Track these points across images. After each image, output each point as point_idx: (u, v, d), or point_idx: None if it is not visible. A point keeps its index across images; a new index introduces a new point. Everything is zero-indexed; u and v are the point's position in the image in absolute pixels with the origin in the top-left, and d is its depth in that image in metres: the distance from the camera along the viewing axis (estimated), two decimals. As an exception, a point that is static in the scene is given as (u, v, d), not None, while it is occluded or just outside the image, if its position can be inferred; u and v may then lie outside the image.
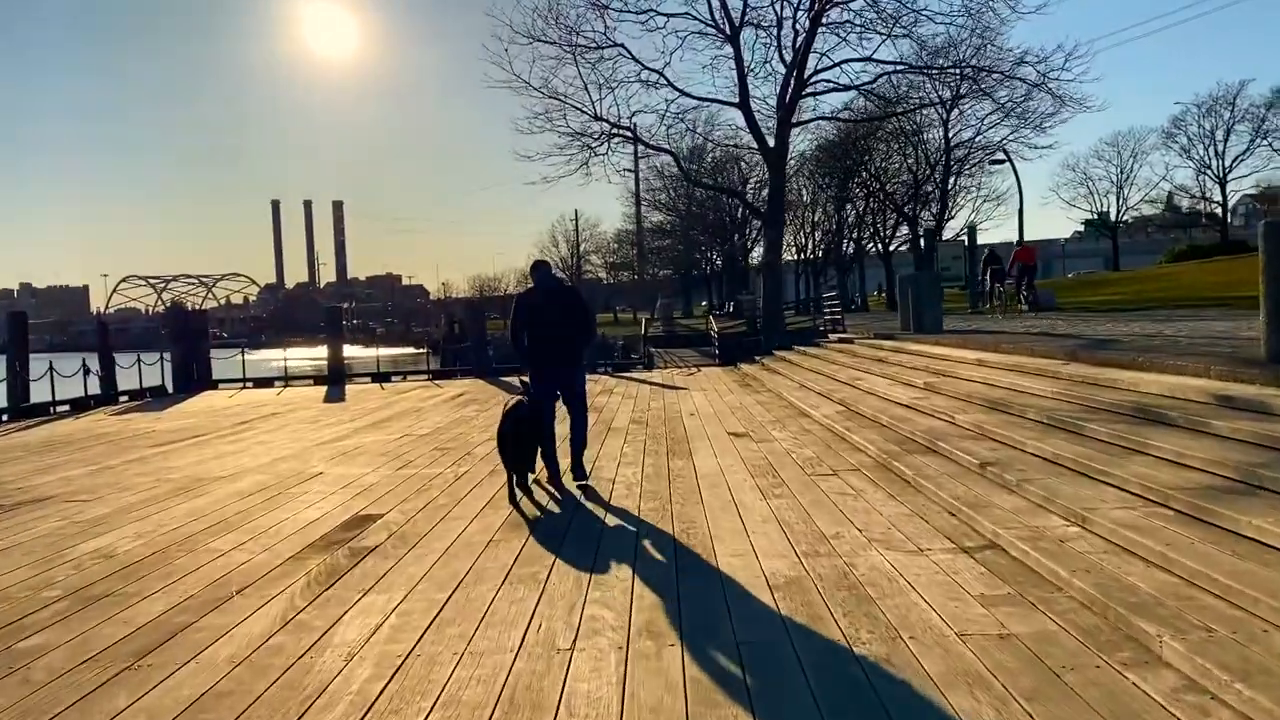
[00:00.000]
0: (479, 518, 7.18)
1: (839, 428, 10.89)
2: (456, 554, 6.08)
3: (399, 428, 13.60)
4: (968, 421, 9.18)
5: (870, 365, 16.01)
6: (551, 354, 8.67)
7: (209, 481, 9.42)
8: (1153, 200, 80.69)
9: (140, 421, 16.45)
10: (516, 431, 8.04)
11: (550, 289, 8.97)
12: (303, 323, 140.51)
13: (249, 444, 12.46)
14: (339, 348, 24.83)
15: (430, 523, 7.07)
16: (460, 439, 11.97)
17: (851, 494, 7.44)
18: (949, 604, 4.67)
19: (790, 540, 6.06)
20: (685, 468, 9.06)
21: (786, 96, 24.73)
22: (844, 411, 12.12)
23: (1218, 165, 70.79)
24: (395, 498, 8.12)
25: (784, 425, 11.90)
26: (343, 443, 12.10)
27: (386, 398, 19.29)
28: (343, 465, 10.13)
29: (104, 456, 11.82)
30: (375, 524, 7.08)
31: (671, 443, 10.83)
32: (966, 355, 13.37)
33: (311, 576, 5.67)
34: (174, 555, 6.34)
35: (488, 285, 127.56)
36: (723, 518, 6.81)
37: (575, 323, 8.94)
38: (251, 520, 7.41)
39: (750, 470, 8.72)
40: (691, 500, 7.49)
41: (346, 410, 16.83)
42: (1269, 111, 67.35)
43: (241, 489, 8.89)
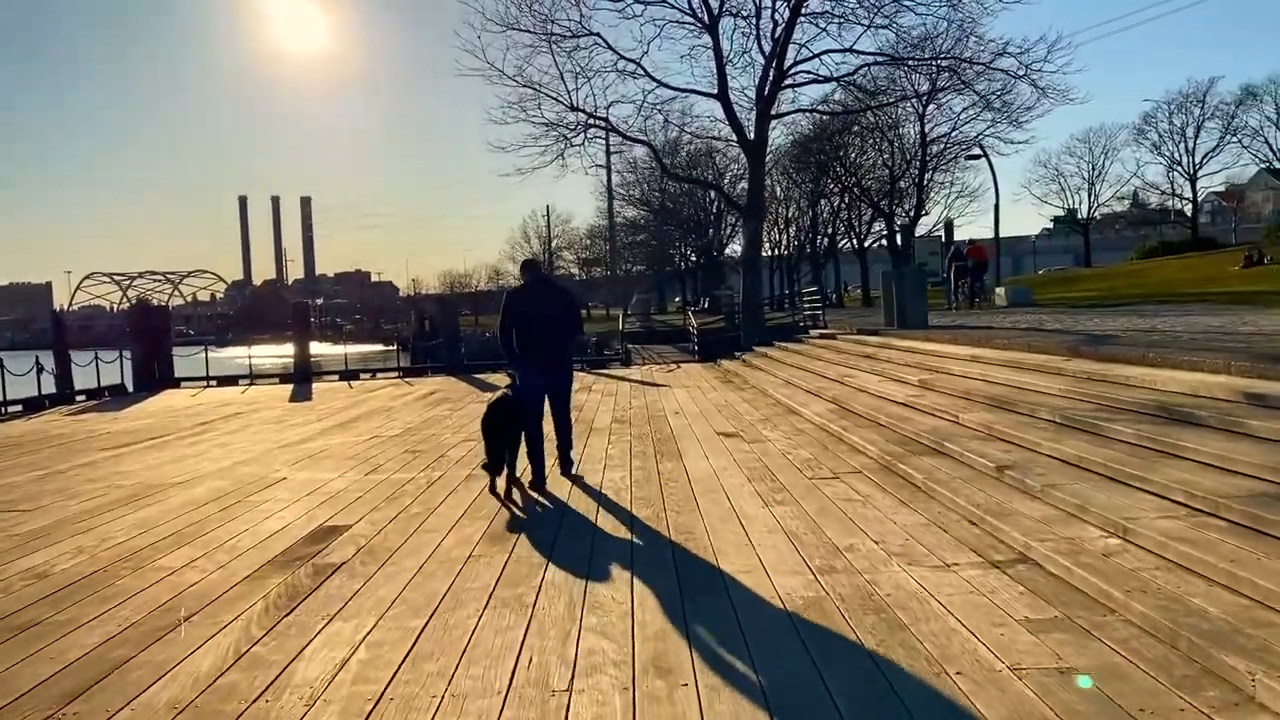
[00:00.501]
0: (456, 529, 6.58)
1: (834, 427, 10.37)
2: (433, 572, 5.48)
3: (368, 428, 12.95)
4: (974, 421, 8.69)
5: (858, 362, 15.53)
6: (539, 353, 8.43)
7: (162, 488, 8.75)
8: (1123, 197, 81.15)
9: (95, 422, 15.67)
10: (496, 419, 7.82)
11: (540, 288, 8.70)
12: (270, 320, 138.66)
13: (208, 446, 11.77)
14: (305, 345, 24.07)
15: (403, 535, 6.46)
16: (433, 441, 11.35)
17: (859, 500, 6.91)
18: (992, 630, 4.14)
19: (801, 554, 5.52)
20: (676, 471, 8.50)
21: (766, 88, 24.20)
22: (836, 410, 11.61)
23: (1188, 162, 71.30)
24: (364, 506, 7.50)
25: (774, 424, 11.37)
26: (308, 445, 11.43)
27: (355, 396, 18.60)
28: (307, 470, 9.49)
29: (52, 460, 11.09)
30: (342, 537, 6.47)
31: (658, 443, 10.27)
32: (959, 351, 12.93)
33: (270, 600, 5.05)
34: (117, 574, 5.70)
35: (459, 281, 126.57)
36: (724, 528, 6.25)
37: (564, 322, 8.74)
38: (206, 532, 6.77)
39: (746, 473, 8.17)
40: (688, 508, 6.92)
41: (313, 410, 16.14)
42: (1238, 108, 67.96)
43: (197, 496, 8.23)
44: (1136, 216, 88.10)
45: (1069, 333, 13.68)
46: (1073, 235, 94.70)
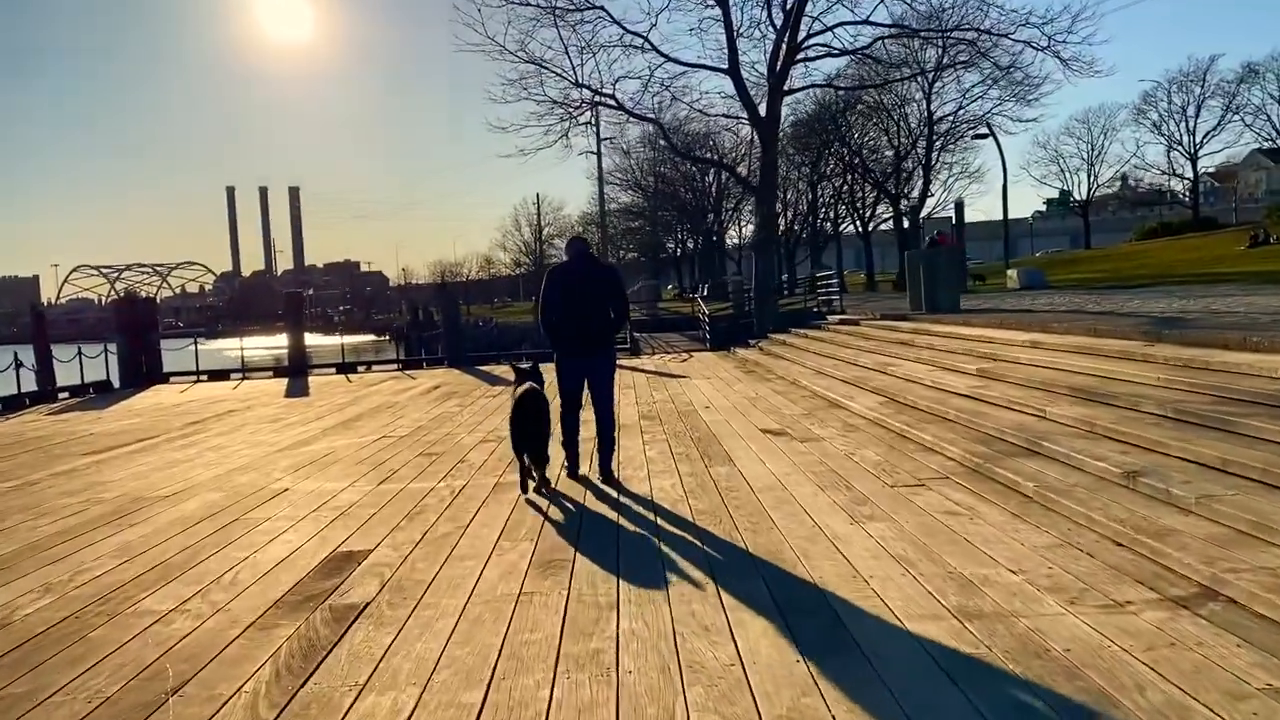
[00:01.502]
0: (496, 554, 5.56)
1: (893, 423, 9.38)
2: (479, 617, 4.46)
3: (374, 427, 11.91)
4: (1066, 416, 7.71)
5: (894, 349, 14.55)
6: (580, 339, 7.69)
7: (149, 502, 7.71)
8: (1122, 177, 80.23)
9: (78, 422, 14.59)
10: (526, 415, 7.20)
11: (586, 267, 7.84)
12: (260, 311, 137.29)
13: (200, 450, 10.72)
14: (300, 336, 22.96)
15: (434, 563, 5.44)
16: (448, 441, 10.32)
17: (962, 514, 5.91)
18: (1237, 707, 3.14)
19: (926, 587, 4.52)
20: (732, 477, 7.49)
21: (778, 63, 23.15)
22: (888, 403, 10.62)
23: (1189, 141, 70.48)
24: (383, 525, 6.47)
25: (822, 421, 10.37)
26: (310, 448, 10.39)
27: (355, 391, 17.54)
28: (312, 478, 8.46)
29: (26, 468, 10.03)
30: (361, 566, 5.45)
31: (700, 444, 9.26)
32: (1015, 337, 11.96)
33: (281, 661, 4.03)
34: (91, 623, 4.66)
35: (450, 271, 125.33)
36: (816, 552, 5.25)
37: (611, 305, 7.82)
38: (199, 562, 5.73)
39: (814, 480, 7.17)
40: (762, 525, 5.91)
41: (311, 406, 15.08)
42: (1240, 86, 67.09)
43: (188, 514, 7.19)
44: (1132, 197, 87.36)
45: (1123, 315, 12.72)
46: (1069, 217, 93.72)
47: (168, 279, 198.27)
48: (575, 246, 8.10)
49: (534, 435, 7.27)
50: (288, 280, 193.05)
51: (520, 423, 7.29)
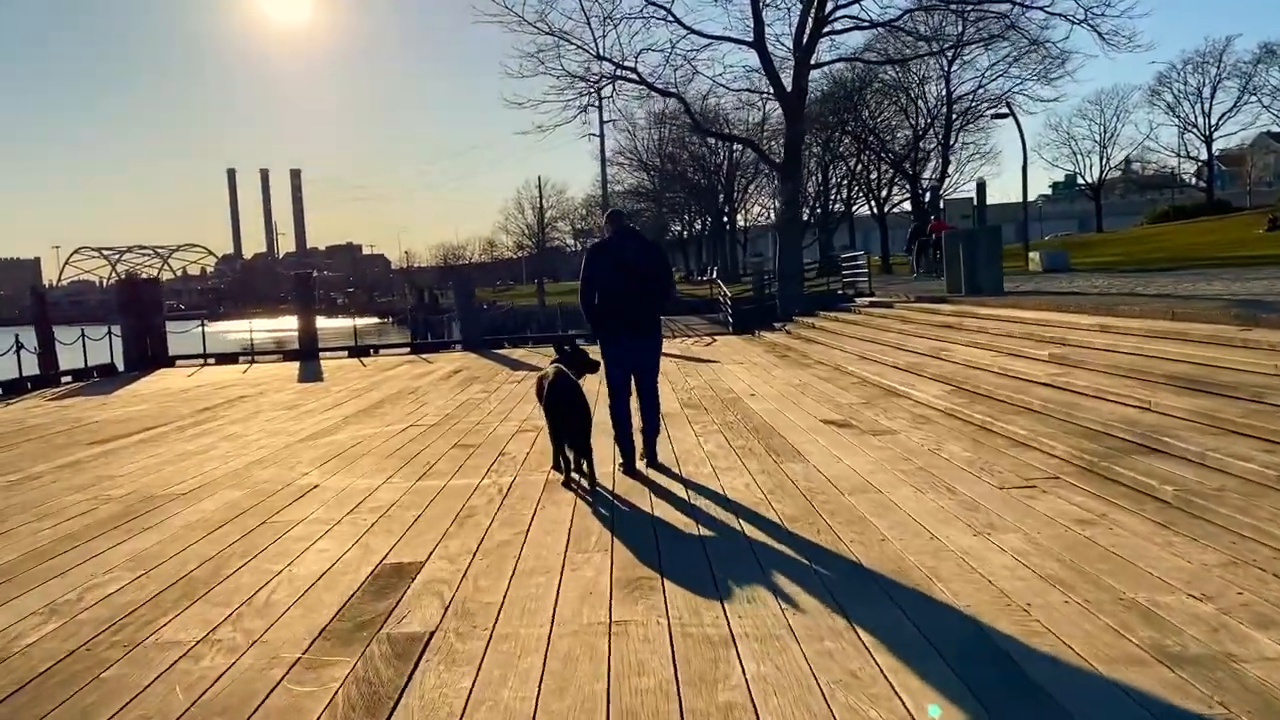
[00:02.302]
0: (569, 568, 4.82)
1: (970, 414, 8.63)
2: (571, 654, 3.72)
3: (399, 415, 11.17)
4: (1176, 408, 6.96)
5: (941, 333, 13.79)
6: (625, 320, 7.19)
7: (162, 501, 6.97)
8: (1132, 160, 79.21)
9: (82, 408, 13.85)
10: (559, 404, 6.70)
11: (628, 243, 7.25)
12: (262, 293, 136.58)
13: (214, 440, 9.98)
14: (310, 319, 22.19)
15: (498, 579, 4.70)
16: (482, 431, 9.57)
17: (1097, 522, 5.16)
18: None
19: (1103, 619, 3.78)
20: (810, 476, 6.73)
21: (804, 35, 22.28)
22: (955, 391, 9.87)
23: (1204, 124, 69.57)
24: (430, 530, 5.73)
25: (885, 410, 9.62)
26: (334, 438, 9.65)
27: (371, 376, 16.79)
28: (342, 473, 7.71)
29: (28, 459, 9.29)
30: (415, 583, 4.70)
31: (759, 436, 8.52)
32: (1079, 320, 11.19)
33: (340, 715, 3.29)
34: (104, 656, 3.93)
35: (452, 253, 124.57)
36: (947, 572, 4.50)
37: (655, 283, 7.27)
38: (226, 576, 4.99)
39: (908, 481, 6.42)
40: (870, 536, 5.16)
41: (328, 392, 14.33)
42: (1257, 67, 66.07)
43: (208, 515, 6.45)
44: (1143, 180, 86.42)
45: (1191, 298, 11.93)
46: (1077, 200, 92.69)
47: (169, 261, 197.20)
48: (615, 221, 7.50)
49: (572, 426, 6.65)
50: (290, 263, 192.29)
51: (554, 412, 6.71)
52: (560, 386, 6.76)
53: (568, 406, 6.68)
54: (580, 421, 6.69)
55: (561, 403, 6.71)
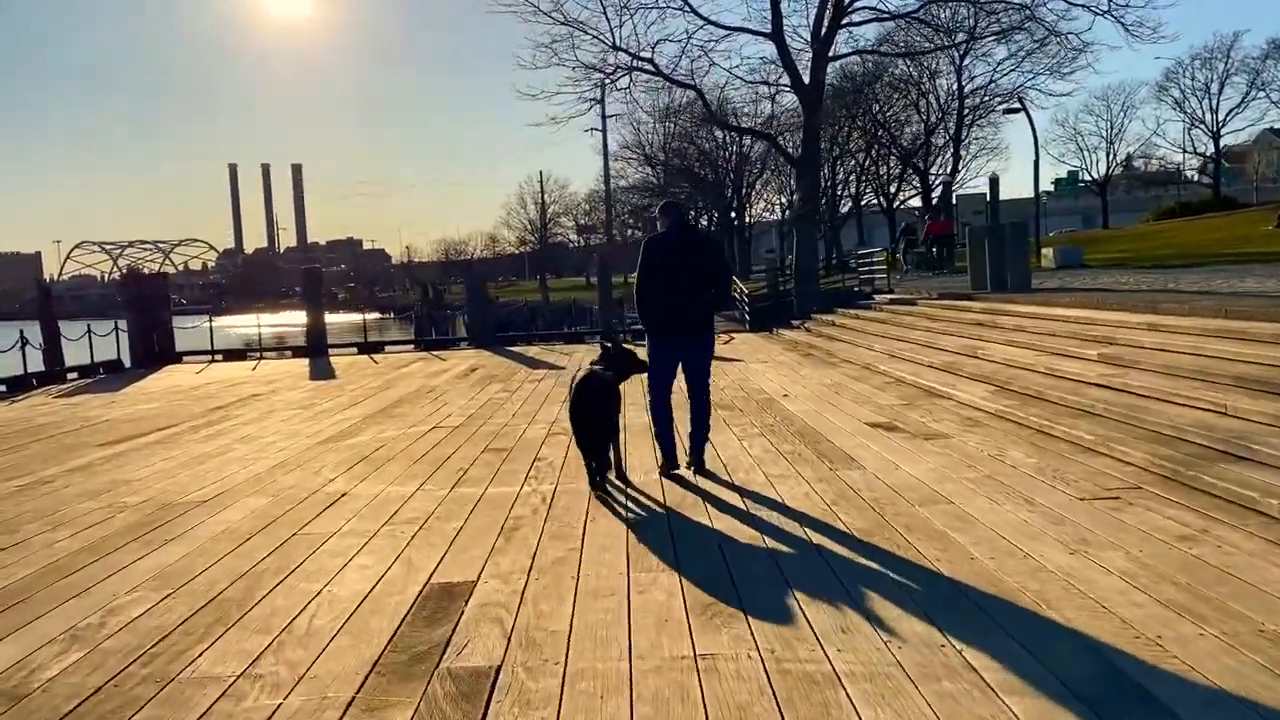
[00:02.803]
0: (635, 591, 4.43)
1: (1024, 416, 8.25)
2: (660, 695, 3.32)
3: (420, 415, 10.78)
4: (1259, 413, 6.59)
5: (973, 330, 13.40)
6: (677, 317, 6.85)
7: (183, 509, 6.58)
8: (1143, 156, 78.76)
9: (90, 407, 13.46)
10: (584, 405, 6.37)
11: (685, 237, 6.95)
12: (263, 288, 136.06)
13: (230, 441, 9.59)
14: (319, 315, 21.78)
15: (561, 602, 4.31)
16: (511, 434, 9.18)
17: (1201, 539, 4.77)
18: None
19: (1250, 655, 3.40)
20: (872, 484, 6.34)
21: (823, 27, 21.87)
22: (1001, 392, 9.49)
23: (1211, 120, 69.26)
24: (476, 545, 5.34)
25: (929, 412, 9.23)
26: (356, 440, 9.26)
27: (384, 373, 16.39)
28: (371, 479, 7.32)
29: (38, 462, 8.91)
30: (470, 606, 4.31)
31: (803, 439, 8.13)
32: (1125, 318, 10.80)
33: (411, 770, 2.90)
34: (135, 694, 3.54)
35: (454, 249, 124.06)
36: (1054, 595, 4.11)
37: (713, 281, 6.94)
38: (261, 597, 4.60)
39: (979, 491, 6.03)
40: (956, 553, 4.77)
41: (342, 390, 13.94)
42: (1265, 63, 65.69)
43: (233, 525, 6.06)
44: (1146, 176, 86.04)
45: (1237, 295, 11.54)
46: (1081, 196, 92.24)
47: (170, 256, 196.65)
48: (671, 214, 7.21)
49: (589, 429, 6.39)
50: (291, 258, 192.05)
51: (574, 414, 6.43)
52: (586, 387, 6.43)
53: (587, 409, 6.35)
54: (599, 426, 6.36)
55: (583, 404, 6.37)
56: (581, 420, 6.36)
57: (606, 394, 6.53)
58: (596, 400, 6.40)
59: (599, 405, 6.39)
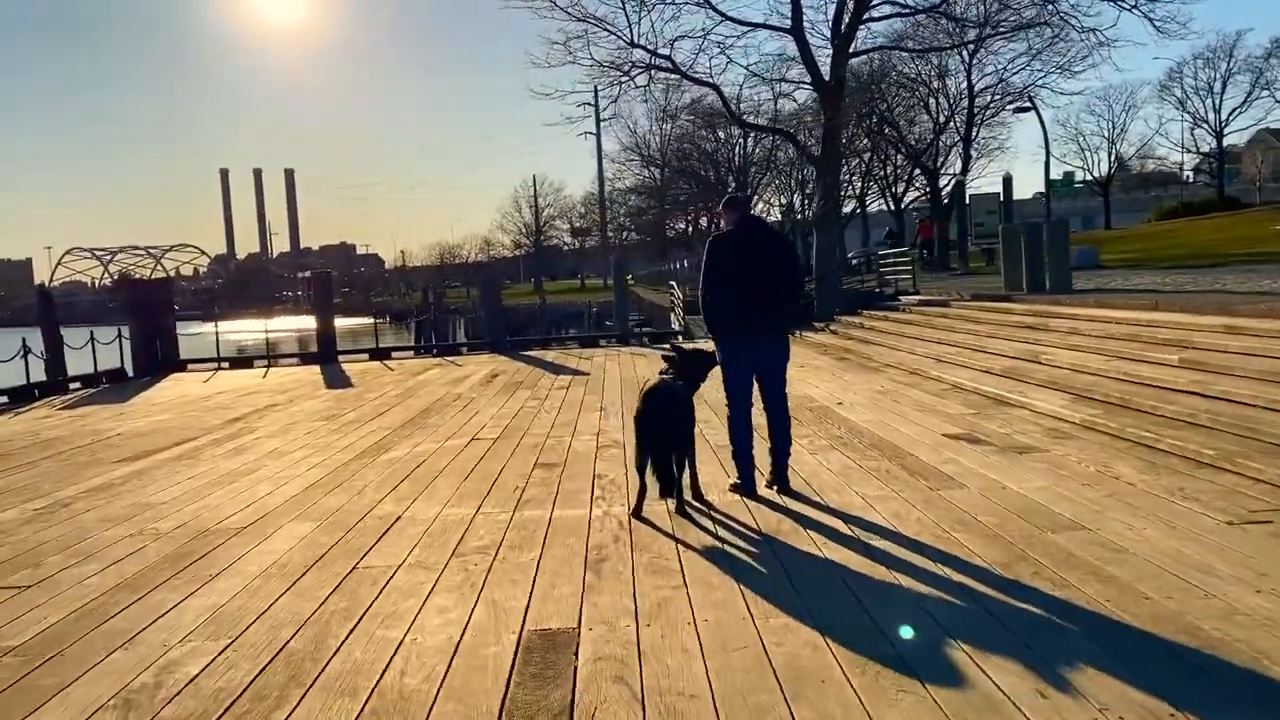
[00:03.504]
0: (769, 639, 3.84)
1: (1115, 427, 7.69)
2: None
3: (453, 426, 10.18)
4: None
5: (1024, 334, 12.85)
6: (748, 320, 6.30)
7: (221, 537, 5.98)
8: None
9: (99, 419, 12.83)
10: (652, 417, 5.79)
11: (754, 234, 6.38)
12: (256, 293, 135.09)
13: (257, 456, 8.98)
14: (329, 320, 21.15)
15: (688, 656, 3.72)
16: (558, 447, 8.59)
17: (1400, 572, 4.19)
18: None
19: None
20: (983, 505, 5.76)
21: (843, 23, 21.33)
22: (1080, 400, 8.93)
23: (1215, 119, 69.08)
24: (563, 580, 4.74)
25: (1006, 421, 8.67)
26: (392, 454, 8.65)
27: (402, 380, 15.78)
28: (422, 500, 6.72)
29: (52, 480, 8.29)
30: (582, 660, 3.73)
31: (881, 452, 7.55)
32: (1196, 321, 10.24)
33: None
34: (215, 784, 2.94)
35: (449, 253, 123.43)
36: (1270, 645, 3.53)
37: (784, 280, 6.36)
38: (334, 649, 4.00)
39: (1105, 513, 5.46)
40: (1122, 590, 4.19)
41: (363, 399, 13.32)
42: (1269, 61, 65.49)
43: (282, 557, 5.45)
44: (1145, 176, 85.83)
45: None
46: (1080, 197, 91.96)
47: (162, 261, 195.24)
48: (737, 209, 6.61)
49: (661, 447, 5.79)
50: (284, 263, 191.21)
51: (647, 431, 5.82)
52: (656, 398, 5.87)
53: (657, 422, 5.77)
54: (672, 441, 5.78)
55: (652, 417, 5.79)
56: (650, 434, 5.78)
57: (679, 405, 5.96)
58: (668, 412, 5.84)
59: (672, 418, 5.82)
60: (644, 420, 5.82)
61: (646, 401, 5.87)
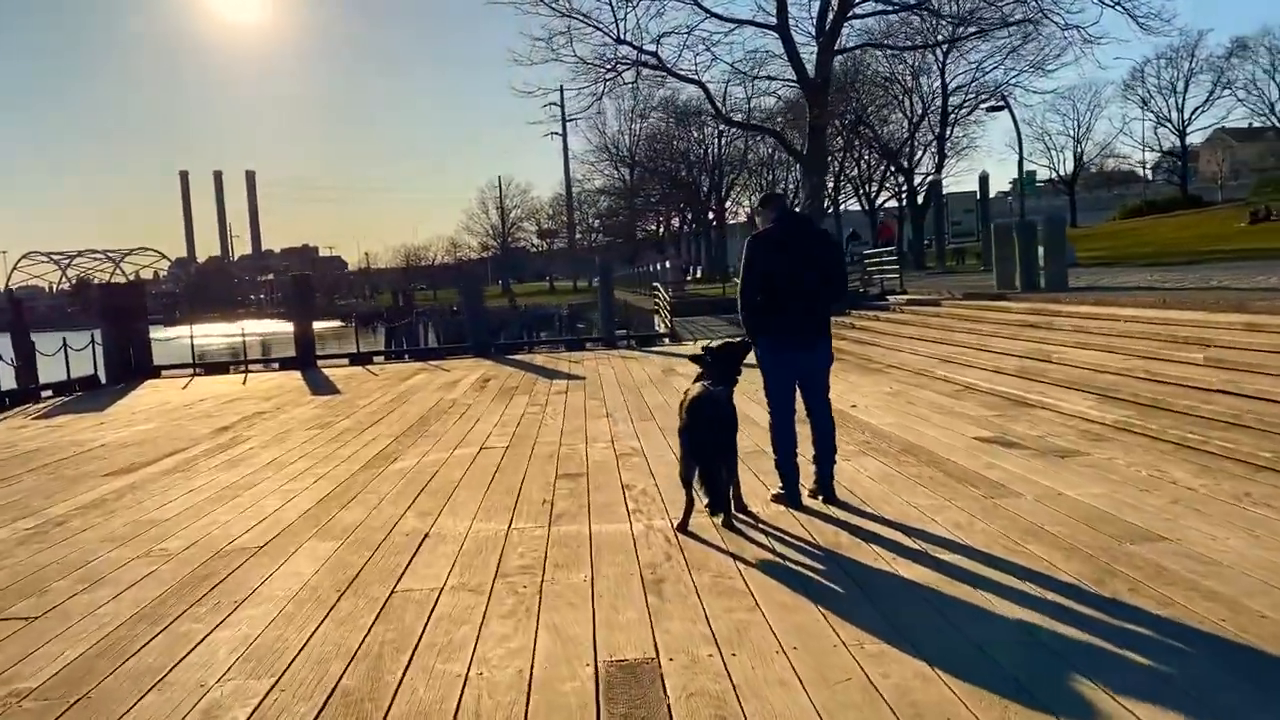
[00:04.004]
0: (876, 672, 3.55)
1: (1157, 429, 7.49)
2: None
3: (457, 434, 9.81)
4: None
5: (1028, 333, 12.70)
6: (791, 324, 5.98)
7: (237, 557, 5.60)
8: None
9: (79, 428, 12.31)
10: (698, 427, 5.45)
11: (797, 231, 6.07)
12: (218, 297, 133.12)
13: (254, 468, 8.57)
14: (308, 324, 20.60)
15: (783, 687, 3.44)
16: (574, 456, 8.26)
17: None
18: None
19: None
20: (1046, 514, 5.51)
21: (827, 20, 21.16)
22: (1109, 400, 8.75)
23: (1178, 118, 70.04)
24: (624, 603, 4.42)
25: (1032, 423, 8.47)
26: (401, 465, 8.28)
27: (391, 386, 15.34)
28: (447, 515, 6.37)
29: (39, 497, 7.83)
30: (672, 693, 3.42)
31: (917, 459, 7.31)
32: (1215, 318, 10.09)
33: None
34: None
35: (414, 255, 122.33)
36: None
37: (829, 279, 6.07)
38: (393, 686, 3.66)
39: (1179, 520, 5.23)
40: (1238, 609, 3.95)
41: (354, 406, 12.89)
42: (1230, 61, 66.51)
43: (310, 580, 5.09)
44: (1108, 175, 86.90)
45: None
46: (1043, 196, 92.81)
47: (120, 265, 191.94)
48: (776, 205, 6.28)
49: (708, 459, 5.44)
50: (245, 265, 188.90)
51: (693, 443, 5.50)
52: (703, 407, 5.55)
53: (709, 429, 5.46)
54: (722, 447, 5.48)
55: (701, 428, 5.49)
56: (700, 447, 5.47)
57: (725, 414, 5.65)
58: (716, 423, 5.53)
59: (721, 429, 5.52)
60: (693, 433, 5.51)
61: (694, 413, 5.55)
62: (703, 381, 5.84)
